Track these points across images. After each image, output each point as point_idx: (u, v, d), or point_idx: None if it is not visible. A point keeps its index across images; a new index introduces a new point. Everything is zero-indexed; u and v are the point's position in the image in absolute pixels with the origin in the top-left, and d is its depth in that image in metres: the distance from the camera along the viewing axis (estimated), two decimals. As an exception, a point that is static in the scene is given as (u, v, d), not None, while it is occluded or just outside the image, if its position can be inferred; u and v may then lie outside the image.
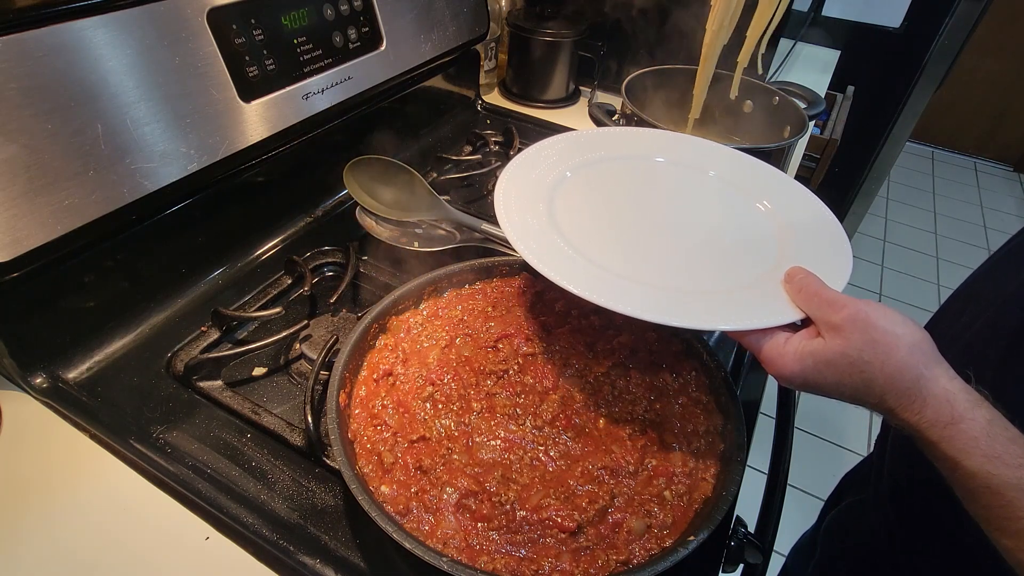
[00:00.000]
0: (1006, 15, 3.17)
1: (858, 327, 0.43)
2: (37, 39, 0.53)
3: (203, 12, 0.65)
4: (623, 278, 0.55)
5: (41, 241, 0.56)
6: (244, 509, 0.54)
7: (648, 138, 0.76)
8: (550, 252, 0.56)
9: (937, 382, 0.41)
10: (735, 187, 0.69)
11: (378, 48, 0.89)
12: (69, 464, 0.59)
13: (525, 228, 0.58)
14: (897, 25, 1.81)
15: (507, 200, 0.61)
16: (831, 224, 0.62)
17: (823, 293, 0.48)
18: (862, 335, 0.43)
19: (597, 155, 0.72)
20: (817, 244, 0.60)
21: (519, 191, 0.63)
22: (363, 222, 0.84)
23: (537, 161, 0.69)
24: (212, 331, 0.71)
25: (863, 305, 0.44)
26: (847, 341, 0.43)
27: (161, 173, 0.65)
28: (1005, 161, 3.82)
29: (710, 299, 0.54)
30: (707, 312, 0.51)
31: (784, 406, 0.84)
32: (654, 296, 0.53)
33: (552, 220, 0.61)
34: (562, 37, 1.25)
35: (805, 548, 1.03)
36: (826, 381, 0.44)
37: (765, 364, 0.48)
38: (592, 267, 0.56)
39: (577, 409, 0.59)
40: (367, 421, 0.57)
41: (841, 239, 0.59)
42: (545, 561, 0.48)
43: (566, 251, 0.57)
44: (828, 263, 0.54)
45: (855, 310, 0.44)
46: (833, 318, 0.45)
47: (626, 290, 0.53)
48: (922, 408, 0.41)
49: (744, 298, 0.53)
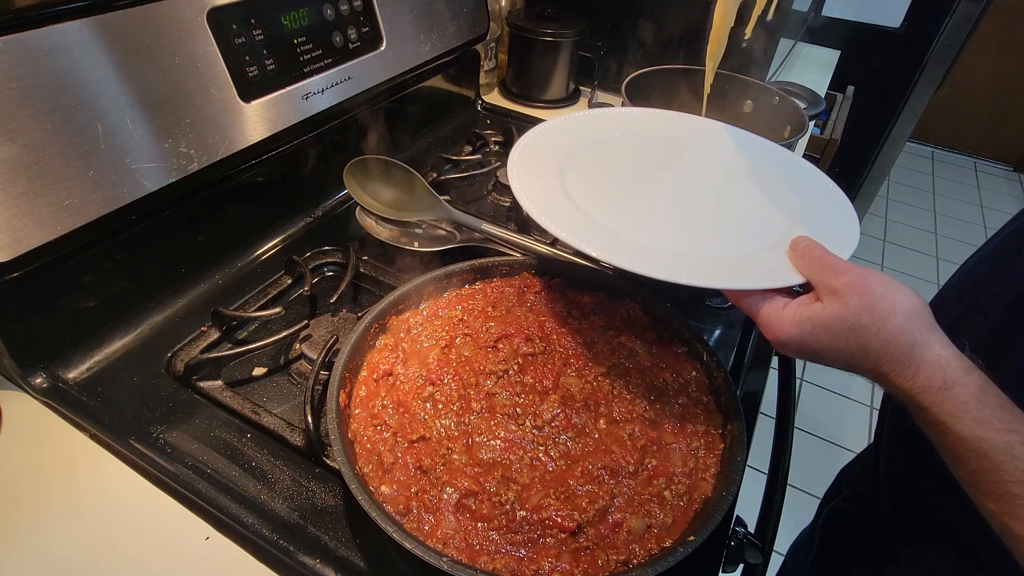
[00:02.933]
0: (1006, 15, 3.17)
1: (857, 292, 0.44)
2: (37, 39, 0.53)
3: (203, 12, 0.65)
4: (629, 241, 0.56)
5: (41, 241, 0.56)
6: (244, 509, 0.54)
7: (662, 119, 0.78)
8: (558, 212, 0.58)
9: (931, 348, 0.42)
10: (746, 165, 0.71)
11: (378, 48, 0.89)
12: (69, 464, 0.59)
13: (534, 190, 0.60)
14: (897, 25, 1.81)
15: (520, 166, 0.63)
16: (838, 198, 0.63)
17: (825, 258, 0.48)
18: (860, 300, 0.43)
19: (611, 133, 0.74)
20: (824, 217, 0.61)
21: (533, 159, 0.65)
22: (363, 222, 0.84)
23: (553, 134, 0.71)
24: (212, 331, 0.71)
25: (863, 271, 0.45)
26: (845, 305, 0.44)
27: (161, 173, 0.65)
28: (1005, 161, 3.82)
29: (713, 262, 0.55)
30: (707, 272, 0.52)
31: (784, 406, 0.84)
32: (658, 256, 0.55)
33: (563, 187, 0.63)
34: (562, 37, 1.25)
35: (803, 544, 1.03)
36: (822, 346, 0.45)
37: (763, 328, 0.49)
38: (596, 227, 0.57)
39: (577, 409, 0.59)
40: (367, 421, 0.57)
41: (848, 212, 0.60)
42: (545, 561, 0.48)
43: (573, 213, 0.59)
44: (834, 234, 0.56)
45: (855, 276, 0.45)
46: (833, 282, 0.45)
47: (631, 250, 0.54)
48: (915, 374, 0.42)
49: (747, 263, 0.55)
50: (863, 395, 2.23)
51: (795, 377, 0.88)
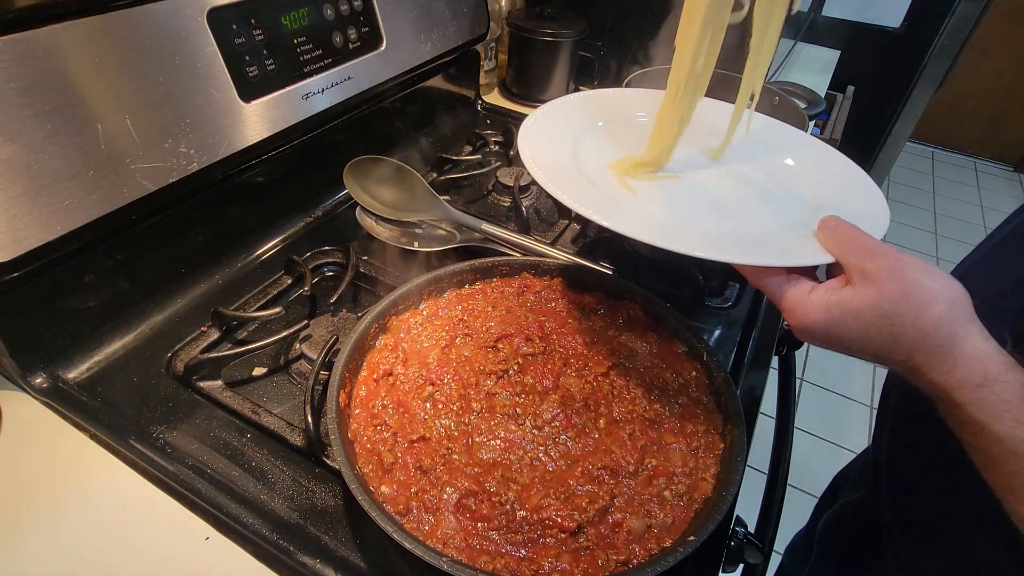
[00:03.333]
0: (1006, 15, 3.18)
1: (893, 277, 0.40)
2: (37, 39, 0.53)
3: (203, 12, 0.65)
4: (648, 215, 0.54)
5: (41, 241, 0.56)
6: (244, 509, 0.54)
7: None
8: (569, 183, 0.55)
9: (971, 341, 0.39)
10: (767, 147, 0.68)
11: (378, 48, 0.89)
12: (69, 464, 0.59)
13: (547, 161, 0.58)
14: (897, 25, 1.81)
15: (531, 137, 0.61)
16: (863, 180, 0.61)
17: (859, 238, 0.44)
18: (897, 286, 0.40)
19: (632, 112, 0.72)
20: (850, 199, 0.58)
21: (546, 131, 0.64)
22: (363, 222, 0.84)
23: (569, 109, 0.70)
24: (212, 331, 0.71)
25: (900, 255, 0.42)
26: (880, 291, 0.40)
27: (161, 173, 0.65)
28: (1005, 161, 3.82)
29: (735, 238, 0.52)
30: (729, 247, 0.49)
31: (784, 406, 0.84)
32: (676, 230, 0.52)
33: (577, 160, 0.61)
34: (562, 37, 1.25)
35: (799, 547, 1.03)
36: (851, 334, 0.42)
37: (787, 313, 0.45)
38: (611, 199, 0.56)
39: (577, 409, 0.59)
40: (367, 421, 0.57)
41: (875, 195, 0.58)
42: (545, 561, 0.48)
43: (585, 185, 0.57)
44: (862, 216, 0.52)
45: (892, 259, 0.41)
46: (867, 265, 0.42)
47: (650, 224, 0.52)
48: (952, 368, 0.39)
49: (770, 240, 0.52)
50: (863, 395, 2.23)
51: (795, 377, 0.88)
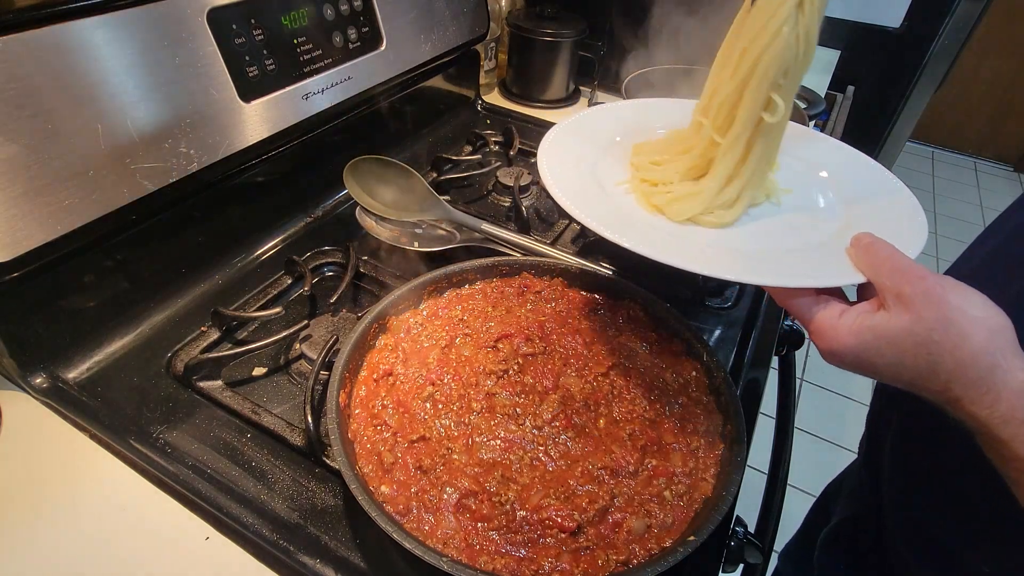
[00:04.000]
0: (1006, 15, 3.17)
1: (932, 303, 0.38)
2: (37, 39, 0.53)
3: (203, 12, 0.65)
4: (666, 232, 0.52)
5: (41, 241, 0.56)
6: (244, 509, 0.54)
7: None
8: (586, 199, 0.54)
9: (1015, 375, 0.37)
10: (792, 157, 0.65)
11: (378, 48, 0.89)
12: (69, 464, 0.59)
13: (567, 181, 0.56)
14: (897, 25, 1.81)
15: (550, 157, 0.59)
16: (900, 193, 0.57)
17: (895, 259, 0.42)
18: (935, 312, 0.38)
19: (648, 124, 0.70)
20: (884, 212, 0.54)
21: (563, 150, 0.62)
22: (363, 222, 0.84)
23: (588, 123, 0.68)
24: (212, 331, 0.71)
25: (940, 278, 0.39)
26: (917, 317, 0.38)
27: (161, 173, 0.65)
28: (1005, 161, 3.82)
29: (761, 257, 0.50)
30: (755, 267, 0.47)
31: (784, 406, 0.84)
32: (699, 250, 0.50)
33: (595, 175, 0.59)
34: (562, 37, 1.25)
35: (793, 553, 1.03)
36: (883, 360, 0.40)
37: (815, 337, 0.44)
38: (627, 216, 0.54)
39: (577, 409, 0.59)
40: (367, 421, 0.57)
41: (912, 207, 0.54)
42: (545, 561, 0.48)
43: (602, 200, 0.55)
44: (897, 232, 0.48)
45: (932, 284, 0.39)
46: (904, 289, 0.39)
47: (672, 244, 0.50)
48: (994, 402, 0.37)
49: (797, 259, 0.49)
50: (863, 395, 2.23)
51: (795, 377, 0.87)
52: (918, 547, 0.62)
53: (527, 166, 1.07)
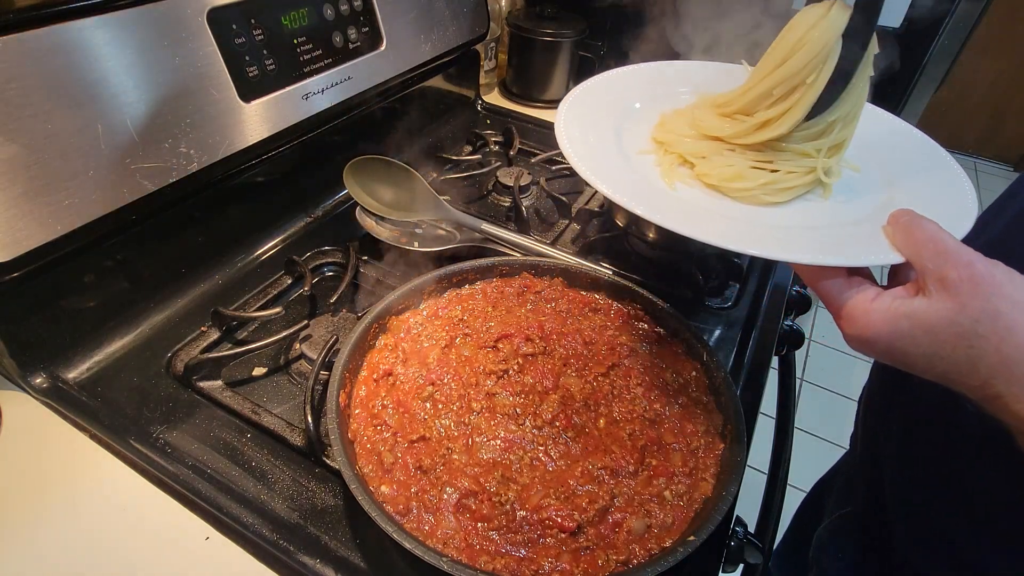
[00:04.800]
0: (1006, 15, 3.17)
1: (980, 290, 0.34)
2: (37, 39, 0.53)
3: (203, 12, 0.65)
4: (695, 207, 0.50)
5: (41, 241, 0.56)
6: (244, 509, 0.54)
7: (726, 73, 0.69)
8: (608, 169, 0.51)
9: None
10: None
11: (378, 48, 0.89)
12: (69, 464, 0.59)
13: (589, 149, 0.54)
14: (897, 25, 1.81)
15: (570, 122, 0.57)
16: (949, 167, 0.52)
17: (939, 239, 0.38)
18: (983, 302, 0.34)
19: (676, 88, 0.67)
20: (929, 188, 0.50)
21: (584, 114, 0.59)
22: (363, 222, 0.84)
23: (606, 88, 0.66)
24: (212, 331, 0.71)
25: (990, 263, 0.35)
26: (961, 305, 0.35)
27: (161, 173, 0.65)
28: (1005, 161, 3.82)
29: (791, 233, 0.47)
30: (783, 243, 0.43)
31: (784, 406, 0.84)
32: (727, 225, 0.47)
33: (618, 141, 0.57)
34: (562, 37, 1.25)
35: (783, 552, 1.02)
36: (918, 350, 0.37)
37: (845, 322, 0.40)
38: (650, 187, 0.51)
39: (577, 409, 0.59)
40: (367, 421, 0.57)
41: (962, 182, 0.49)
42: (545, 561, 0.48)
43: (625, 170, 0.53)
44: (943, 209, 0.45)
45: (981, 269, 0.35)
46: (949, 273, 0.35)
47: (700, 218, 0.48)
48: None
49: (830, 236, 0.46)
50: (863, 395, 2.23)
51: (795, 377, 0.87)
52: (925, 543, 0.62)
53: (527, 166, 1.07)
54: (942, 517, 0.58)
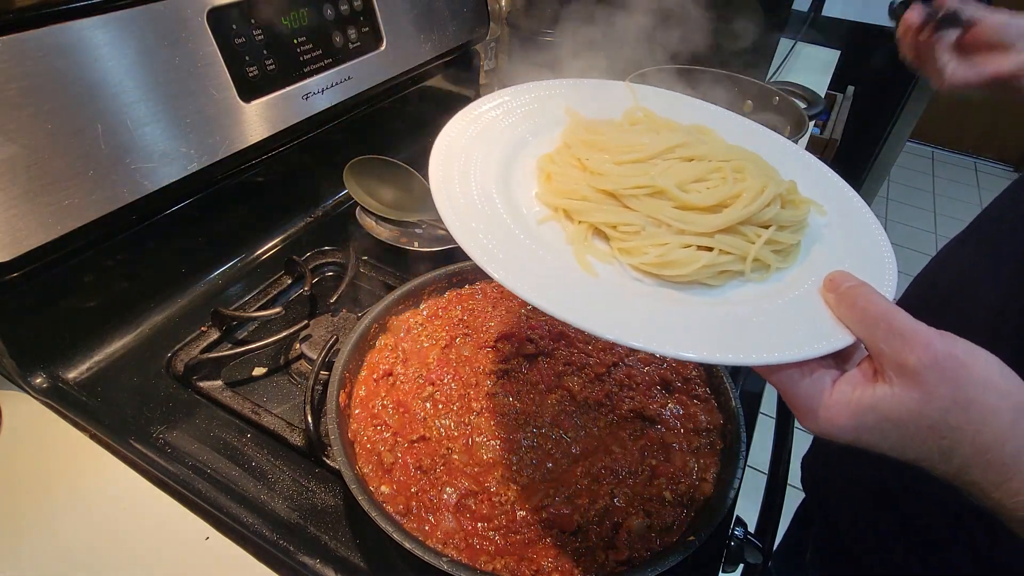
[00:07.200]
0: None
1: (946, 377, 0.32)
2: (37, 39, 0.53)
3: (203, 12, 0.65)
4: (595, 286, 0.39)
5: (41, 241, 0.56)
6: (244, 509, 0.54)
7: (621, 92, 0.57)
8: (504, 246, 0.39)
9: None
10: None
11: (378, 48, 0.89)
12: (69, 464, 0.59)
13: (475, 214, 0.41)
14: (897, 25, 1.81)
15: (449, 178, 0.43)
16: (863, 215, 0.47)
17: (889, 316, 0.34)
18: (951, 390, 0.31)
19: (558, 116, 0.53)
20: (850, 241, 0.44)
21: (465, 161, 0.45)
22: (363, 222, 0.84)
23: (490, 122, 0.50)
24: (212, 331, 0.71)
25: (950, 344, 0.32)
26: (927, 396, 0.32)
27: (161, 173, 0.65)
28: (1005, 161, 3.82)
29: (723, 322, 0.37)
30: (718, 340, 0.36)
31: (784, 406, 0.84)
32: (646, 317, 0.37)
33: (513, 205, 0.44)
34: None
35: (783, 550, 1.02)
36: (887, 443, 0.34)
37: (805, 417, 0.36)
38: (557, 268, 0.39)
39: (577, 409, 0.59)
40: (367, 421, 0.57)
41: (878, 238, 0.44)
42: (545, 561, 0.48)
43: (524, 243, 0.40)
44: (866, 267, 0.41)
45: (938, 351, 0.32)
46: (907, 359, 0.32)
47: (602, 304, 0.38)
48: (1021, 488, 0.32)
49: (763, 314, 0.38)
50: (863, 395, 2.22)
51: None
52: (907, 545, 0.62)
53: (527, 166, 1.07)
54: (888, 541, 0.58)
